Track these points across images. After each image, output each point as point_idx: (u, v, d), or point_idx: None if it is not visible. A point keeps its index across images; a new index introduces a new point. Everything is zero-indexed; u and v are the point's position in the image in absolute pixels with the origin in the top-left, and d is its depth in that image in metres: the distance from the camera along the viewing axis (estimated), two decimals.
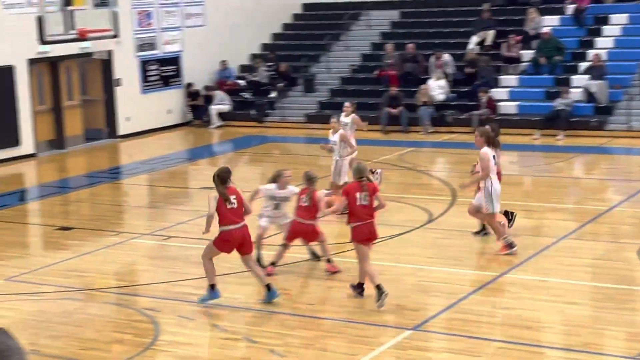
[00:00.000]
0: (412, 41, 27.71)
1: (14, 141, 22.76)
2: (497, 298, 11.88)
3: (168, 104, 27.38)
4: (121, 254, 14.45)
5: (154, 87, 26.93)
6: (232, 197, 11.36)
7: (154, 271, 13.52)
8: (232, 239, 11.45)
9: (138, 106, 26.19)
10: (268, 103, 27.90)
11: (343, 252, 13.61)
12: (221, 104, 27.64)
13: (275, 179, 13.17)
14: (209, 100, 27.70)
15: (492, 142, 13.33)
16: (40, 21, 17.75)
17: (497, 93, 25.51)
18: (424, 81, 26.33)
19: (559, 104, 24.09)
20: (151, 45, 26.73)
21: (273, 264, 12.99)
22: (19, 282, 13.03)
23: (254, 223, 12.82)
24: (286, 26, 31.38)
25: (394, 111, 25.45)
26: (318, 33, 30.24)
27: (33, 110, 23.39)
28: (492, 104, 24.99)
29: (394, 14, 30.34)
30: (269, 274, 12.51)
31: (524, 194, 17.98)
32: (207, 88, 27.97)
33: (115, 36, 19.80)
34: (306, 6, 31.95)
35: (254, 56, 29.76)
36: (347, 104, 17.98)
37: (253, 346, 10.39)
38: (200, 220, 16.14)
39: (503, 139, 23.28)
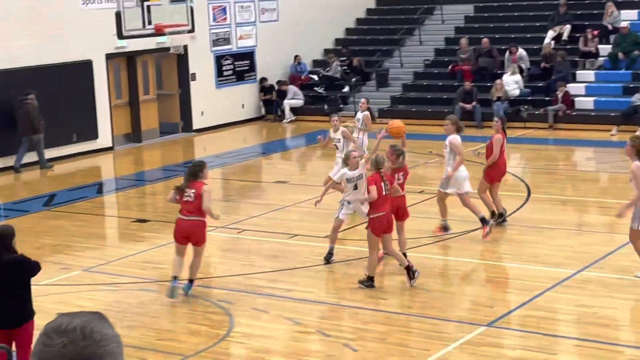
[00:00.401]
0: (486, 36, 27.46)
1: (92, 134, 23.16)
2: (573, 295, 11.72)
3: (242, 99, 27.57)
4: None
5: (228, 82, 27.15)
6: (191, 191, 11.63)
7: (228, 264, 13.64)
8: (178, 228, 11.83)
9: (212, 100, 26.43)
10: (341, 98, 27.92)
11: (419, 246, 13.56)
12: (294, 98, 27.74)
13: (345, 161, 13.23)
14: (282, 95, 27.83)
15: (460, 129, 14.28)
16: (118, 16, 17.99)
17: (573, 88, 25.14)
18: (498, 76, 26.07)
19: (637, 99, 23.65)
20: (226, 40, 26.95)
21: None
22: (96, 273, 13.27)
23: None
24: (359, 21, 31.35)
25: (467, 106, 25.26)
26: (392, 28, 30.16)
27: (110, 105, 23.78)
28: (568, 100, 24.64)
29: (468, 9, 30.09)
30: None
31: (600, 190, 17.72)
32: (280, 83, 28.10)
33: (191, 31, 19.98)
34: (380, 1, 31.87)
35: (327, 51, 29.80)
36: (363, 100, 18.15)
37: (326, 339, 10.43)
38: (273, 214, 16.25)
39: (579, 134, 23.02)
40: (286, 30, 28.52)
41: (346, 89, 28.08)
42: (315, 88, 28.46)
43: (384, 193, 11.75)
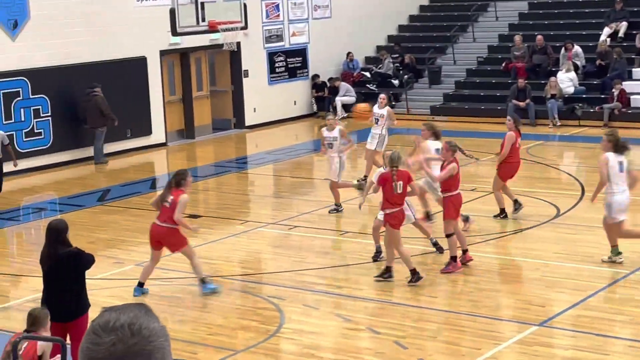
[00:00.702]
0: (541, 33, 27.19)
1: (146, 130, 23.38)
2: (627, 295, 11.58)
3: (294, 95, 27.63)
4: (247, 242, 14.70)
5: (281, 79, 27.23)
6: (170, 198, 11.67)
7: (279, 260, 13.69)
8: (151, 233, 11.95)
9: (265, 97, 26.52)
10: (393, 95, 27.86)
11: (470, 245, 13.48)
12: (346, 95, 27.72)
13: (436, 135, 13.77)
14: (334, 91, 27.84)
15: (438, 135, 14.27)
16: (172, 13, 18.14)
17: (629, 86, 24.79)
18: (552, 73, 25.81)
19: None
20: (278, 37, 27.03)
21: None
22: None
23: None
24: (412, 18, 31.24)
25: (521, 104, 25.04)
26: (445, 25, 29.99)
27: (164, 101, 23.98)
28: (624, 98, 24.32)
29: (522, 5, 29.82)
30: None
31: None
32: (332, 80, 28.11)
33: (244, 28, 20.07)
34: None
35: (380, 48, 29.74)
36: (382, 95, 18.12)
37: (376, 337, 10.43)
38: (324, 211, 16.27)
39: (634, 132, 22.70)
40: (339, 27, 28.51)
41: (397, 84, 27.96)
42: (367, 85, 28.43)
43: (394, 192, 11.82)
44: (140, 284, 12.04)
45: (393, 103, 27.61)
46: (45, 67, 21.05)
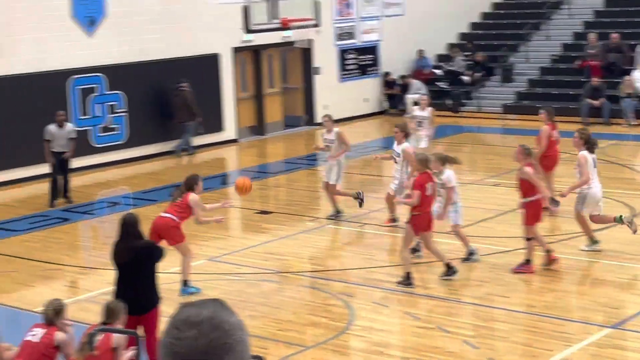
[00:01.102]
0: (616, 31, 26.75)
1: (218, 127, 23.60)
2: None
3: (365, 93, 27.62)
4: (317, 239, 14.75)
5: (352, 76, 27.25)
6: (179, 199, 11.79)
7: (349, 257, 13.72)
8: (152, 225, 11.79)
9: (336, 94, 26.56)
10: (464, 93, 27.68)
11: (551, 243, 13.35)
12: (418, 93, 27.60)
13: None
14: (405, 89, 27.76)
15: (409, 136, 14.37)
16: (245, 11, 18.28)
17: None
18: (628, 72, 25.38)
19: None
20: (350, 35, 27.05)
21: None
22: (220, 262, 13.54)
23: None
24: (485, 15, 30.97)
25: (595, 103, 24.68)
26: (518, 22, 29.68)
27: (236, 97, 24.18)
28: None
29: (597, 2, 29.36)
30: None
31: None
32: (403, 77, 28.03)
33: (316, 25, 20.13)
34: None
35: (452, 45, 29.57)
36: (424, 97, 17.86)
37: (446, 336, 10.39)
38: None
39: None
40: (411, 24, 28.41)
41: (468, 80, 27.77)
42: (438, 83, 28.29)
43: (427, 193, 11.81)
44: (184, 282, 12.09)
45: (463, 101, 27.44)
46: (120, 64, 21.38)
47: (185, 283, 12.10)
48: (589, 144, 13.07)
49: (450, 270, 12.12)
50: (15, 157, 18.75)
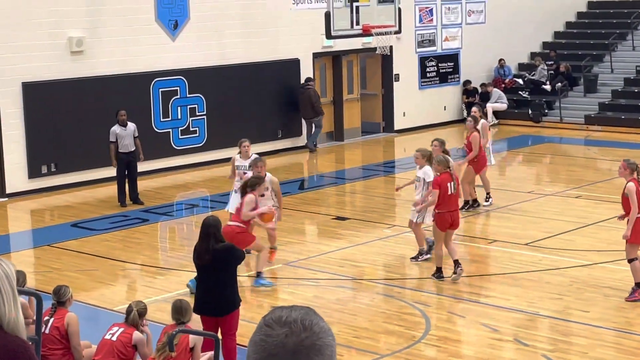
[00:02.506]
0: None
1: (297, 131, 23.67)
2: None
3: (444, 101, 27.44)
4: (394, 246, 14.67)
5: (432, 84, 27.10)
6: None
7: (424, 265, 13.60)
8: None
9: (415, 102, 26.44)
10: (546, 103, 27.31)
11: (616, 260, 13.07)
12: (498, 102, 27.34)
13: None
14: (485, 97, 27.50)
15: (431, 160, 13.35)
16: (327, 16, 18.30)
17: None
18: None
19: None
20: (430, 42, 26.90)
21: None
22: (297, 267, 13.55)
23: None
24: (569, 24, 30.53)
25: None
26: (603, 32, 29.18)
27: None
28: None
29: None
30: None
31: None
32: (484, 85, 27.78)
33: (397, 32, 20.06)
34: (591, 4, 30.93)
35: (534, 55, 29.21)
36: (474, 108, 17.48)
37: (523, 349, 10.23)
38: (472, 218, 16.06)
39: None
40: (492, 32, 28.15)
41: (549, 89, 27.38)
42: (520, 92, 27.96)
43: (449, 192, 12.37)
44: (258, 274, 12.52)
45: (545, 111, 27.05)
46: (201, 67, 21.61)
47: (258, 274, 12.44)
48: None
49: (439, 274, 12.58)
50: (98, 157, 19.06)
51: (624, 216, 11.82)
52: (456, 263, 12.54)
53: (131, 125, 17.53)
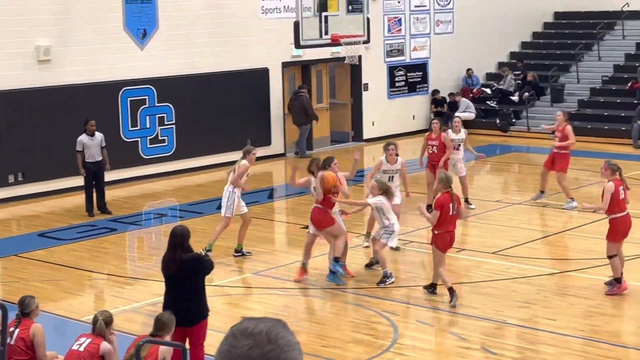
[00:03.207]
0: None
1: (266, 141, 23.67)
2: None
3: (413, 110, 27.56)
4: (363, 255, 14.69)
5: (400, 93, 27.21)
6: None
7: (394, 275, 13.62)
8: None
9: (384, 111, 26.54)
10: (513, 112, 27.51)
11: (589, 268, 13.18)
12: (466, 111, 27.50)
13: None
14: (453, 107, 27.65)
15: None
16: (296, 26, 18.34)
17: None
18: None
19: None
20: (399, 52, 27.03)
21: None
22: (266, 276, 13.54)
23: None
24: (536, 35, 30.79)
25: None
26: (569, 42, 29.47)
27: (284, 112, 24.24)
28: None
29: None
30: None
31: None
32: (452, 95, 27.94)
33: (366, 42, 20.14)
34: (557, 15, 31.22)
35: (501, 64, 29.42)
36: (435, 120, 17.74)
37: (491, 357, 10.29)
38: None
39: None
40: (460, 42, 28.33)
41: (516, 99, 27.59)
42: (488, 102, 28.15)
43: (450, 213, 11.90)
44: (336, 259, 12.77)
45: (513, 120, 27.25)
46: (170, 76, 21.57)
47: (336, 260, 12.78)
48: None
49: (432, 288, 12.24)
50: (65, 167, 18.95)
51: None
52: (450, 291, 11.90)
53: (98, 135, 17.47)
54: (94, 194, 17.54)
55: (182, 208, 18.65)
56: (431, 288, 12.33)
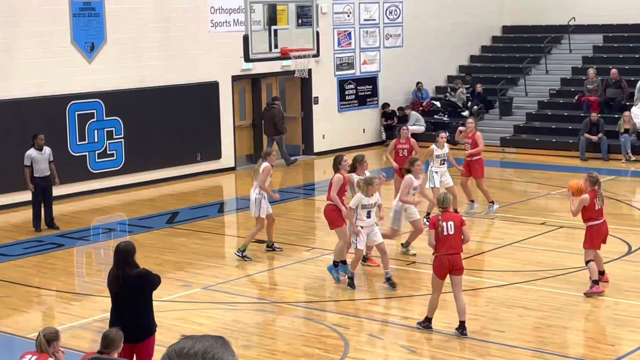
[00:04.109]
0: (615, 66, 26.85)
1: (216, 154, 23.58)
2: None
3: (363, 123, 27.65)
4: (313, 269, 14.68)
5: (351, 106, 27.29)
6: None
7: (344, 288, 13.63)
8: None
9: (334, 124, 26.59)
10: (462, 125, 27.67)
11: (539, 279, 13.29)
12: (416, 124, 27.65)
13: (366, 186, 13.32)
14: (403, 120, 27.79)
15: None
16: (246, 40, 18.32)
17: None
18: (627, 108, 25.44)
19: None
20: (349, 65, 27.11)
21: None
22: (215, 291, 13.46)
23: None
24: (484, 48, 31.11)
25: (593, 138, 24.69)
26: (517, 56, 29.80)
27: (234, 125, 24.18)
28: None
29: (597, 38, 29.50)
30: None
31: None
32: (401, 109, 28.09)
33: (316, 55, 20.17)
34: (506, 29, 31.57)
35: (451, 78, 29.66)
36: (442, 134, 18.07)
37: None
38: (392, 241, 16.15)
39: None
40: (410, 56, 28.52)
41: (467, 114, 27.82)
42: (436, 116, 28.32)
43: (445, 232, 11.15)
44: (336, 264, 13.18)
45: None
46: (119, 90, 21.40)
47: (336, 264, 13.28)
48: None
49: (427, 323, 11.60)
50: (12, 181, 18.69)
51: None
52: (462, 325, 11.32)
53: (47, 150, 17.27)
54: (42, 210, 17.31)
55: (131, 222, 18.49)
56: (426, 322, 11.61)
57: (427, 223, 16.50)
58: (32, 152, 17.14)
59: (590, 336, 11.39)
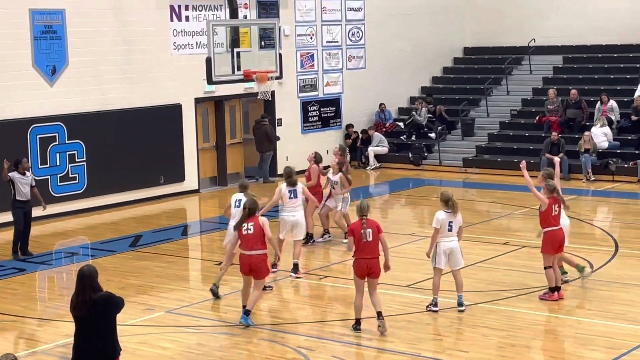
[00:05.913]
0: (575, 87, 27.19)
1: (179, 177, 23.52)
2: None
3: (327, 145, 27.69)
4: (277, 291, 14.65)
5: (314, 128, 27.36)
6: (250, 225, 12.55)
7: (308, 309, 13.63)
8: (240, 261, 12.68)
9: (298, 146, 26.62)
10: (425, 146, 27.88)
11: (502, 299, 13.34)
12: (379, 145, 27.80)
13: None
14: (366, 141, 27.92)
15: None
16: (208, 62, 18.34)
17: None
18: (587, 128, 25.74)
19: None
20: (312, 87, 27.21)
21: None
22: (179, 314, 13.39)
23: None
24: (446, 70, 31.37)
25: (554, 158, 24.90)
26: (479, 77, 30.09)
27: (197, 148, 24.14)
28: None
29: (557, 59, 29.87)
30: None
31: None
32: (365, 130, 28.22)
33: (279, 77, 20.24)
34: (467, 50, 31.87)
35: (413, 99, 29.85)
36: (333, 161, 18.72)
37: None
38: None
39: None
40: (373, 77, 28.69)
41: (432, 136, 28.00)
42: (402, 137, 28.47)
43: (364, 240, 12.03)
44: (247, 312, 12.70)
45: (425, 154, 27.59)
46: (81, 113, 21.30)
47: (247, 312, 12.81)
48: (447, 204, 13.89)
49: (357, 325, 12.31)
50: None
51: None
52: (379, 315, 12.19)
53: (29, 174, 17.33)
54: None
55: (94, 246, 18.36)
56: (356, 324, 12.38)
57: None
58: (15, 174, 17.12)
59: (553, 355, 11.45)
